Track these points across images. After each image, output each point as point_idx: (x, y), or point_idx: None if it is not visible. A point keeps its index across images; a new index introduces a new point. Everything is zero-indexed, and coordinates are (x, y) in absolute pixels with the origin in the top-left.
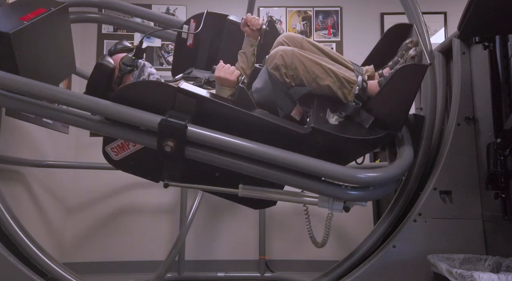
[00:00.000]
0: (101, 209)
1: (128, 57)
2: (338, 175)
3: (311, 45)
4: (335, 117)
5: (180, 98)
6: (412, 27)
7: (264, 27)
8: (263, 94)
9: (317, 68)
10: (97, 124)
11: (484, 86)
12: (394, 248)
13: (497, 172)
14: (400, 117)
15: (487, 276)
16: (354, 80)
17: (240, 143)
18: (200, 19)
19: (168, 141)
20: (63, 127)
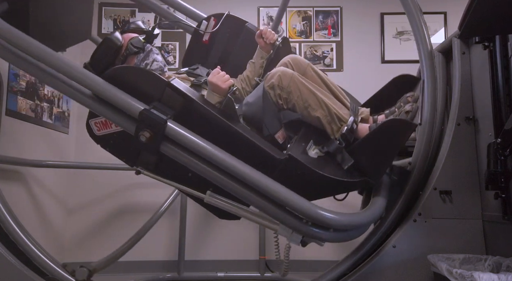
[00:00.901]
0: (101, 209)
1: (137, 39)
2: (299, 208)
3: (314, 73)
4: (315, 151)
5: (168, 92)
6: (419, 81)
7: (277, 42)
8: (252, 109)
9: (311, 97)
10: (85, 97)
11: (484, 86)
12: (394, 248)
13: (497, 172)
14: (380, 167)
15: (487, 276)
16: (346, 119)
17: (213, 151)
18: (220, 19)
19: (145, 131)
20: (63, 127)
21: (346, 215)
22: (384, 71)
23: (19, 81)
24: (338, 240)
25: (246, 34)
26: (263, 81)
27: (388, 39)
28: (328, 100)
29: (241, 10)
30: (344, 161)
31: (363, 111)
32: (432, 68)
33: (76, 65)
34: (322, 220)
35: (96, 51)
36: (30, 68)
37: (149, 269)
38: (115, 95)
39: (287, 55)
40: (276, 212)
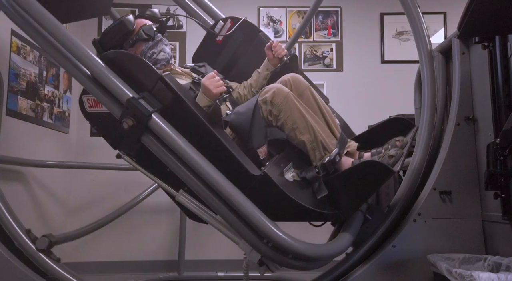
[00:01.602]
0: (101, 209)
1: (150, 26)
2: (260, 227)
3: (311, 97)
4: (292, 174)
5: (160, 86)
6: (413, 128)
7: (285, 58)
8: (241, 119)
9: (301, 120)
10: (81, 75)
11: (484, 86)
12: (394, 248)
13: (497, 172)
14: (352, 204)
15: (486, 276)
16: (331, 149)
17: (189, 152)
18: (236, 22)
19: (129, 119)
20: (63, 127)
21: (307, 244)
22: (384, 71)
23: (19, 81)
24: (295, 267)
25: (258, 43)
26: (258, 94)
27: (388, 39)
28: (317, 126)
29: (241, 10)
30: (318, 191)
31: (351, 145)
32: (432, 68)
33: (78, 42)
34: (280, 243)
35: (107, 30)
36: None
37: (149, 269)
38: (108, 78)
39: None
40: (239, 226)
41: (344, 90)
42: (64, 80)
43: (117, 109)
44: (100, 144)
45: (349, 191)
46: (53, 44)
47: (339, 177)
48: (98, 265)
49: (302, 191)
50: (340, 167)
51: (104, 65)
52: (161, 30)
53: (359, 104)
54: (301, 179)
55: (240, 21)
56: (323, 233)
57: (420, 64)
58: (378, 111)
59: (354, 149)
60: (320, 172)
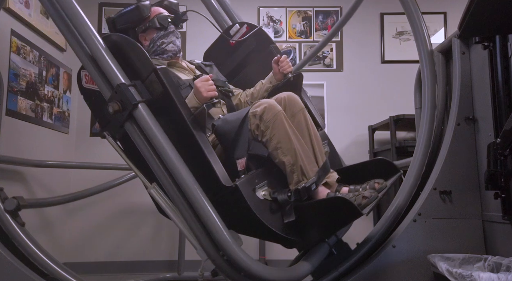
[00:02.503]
0: (101, 209)
1: (165, 16)
2: (217, 238)
3: (303, 120)
4: (264, 193)
5: (152, 78)
6: (398, 173)
7: (290, 75)
8: (227, 127)
9: (286, 141)
10: (81, 50)
11: (484, 86)
12: (394, 248)
13: (497, 172)
14: (316, 236)
15: (487, 276)
16: (309, 175)
17: (165, 149)
18: (251, 29)
19: (115, 103)
20: (63, 127)
21: (261, 265)
22: (384, 71)
23: (19, 81)
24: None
25: (268, 54)
26: (251, 106)
27: (388, 39)
28: (301, 150)
29: (241, 10)
30: (286, 215)
31: (331, 176)
32: (432, 68)
33: (85, 20)
34: (234, 259)
35: (123, 12)
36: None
37: (149, 269)
38: (104, 60)
39: (295, 89)
40: (199, 232)
41: (344, 90)
42: (64, 80)
43: (107, 91)
44: (100, 144)
45: (316, 223)
46: (61, 17)
47: (309, 206)
48: (98, 265)
49: (270, 212)
50: (315, 195)
51: (104, 46)
52: (175, 22)
53: (359, 104)
54: (272, 200)
55: (256, 28)
56: None
57: (420, 64)
58: (378, 111)
59: (334, 181)
60: (291, 197)
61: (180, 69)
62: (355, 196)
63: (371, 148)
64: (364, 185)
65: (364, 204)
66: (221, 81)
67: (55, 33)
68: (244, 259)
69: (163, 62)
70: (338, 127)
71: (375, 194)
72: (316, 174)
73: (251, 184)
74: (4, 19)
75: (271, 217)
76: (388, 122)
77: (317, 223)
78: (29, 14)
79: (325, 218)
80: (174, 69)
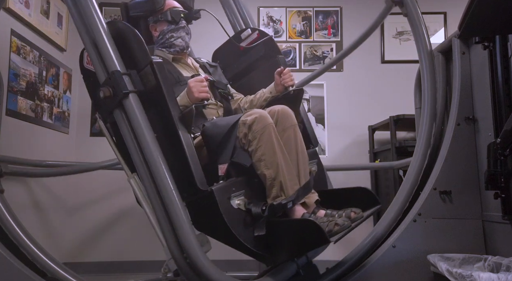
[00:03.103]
0: (101, 209)
1: (178, 11)
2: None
3: (292, 136)
4: (239, 202)
5: (148, 70)
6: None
7: (290, 89)
8: (215, 130)
9: (270, 154)
10: (85, 32)
11: (484, 86)
12: (394, 248)
13: (497, 172)
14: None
15: (487, 276)
16: (287, 193)
17: (148, 142)
18: (262, 37)
19: (107, 89)
20: (63, 127)
21: (222, 274)
22: (384, 71)
23: (19, 81)
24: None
25: (273, 64)
26: (243, 113)
27: (388, 39)
28: (284, 166)
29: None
30: (257, 228)
31: (311, 197)
32: (432, 68)
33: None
34: (195, 263)
35: (138, 0)
36: None
37: (149, 269)
38: (104, 45)
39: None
40: (167, 231)
41: (344, 90)
42: (64, 80)
43: (102, 76)
44: (100, 144)
45: (285, 241)
46: None
47: (280, 223)
48: (98, 265)
49: (241, 222)
50: (290, 214)
51: (107, 31)
52: (187, 18)
53: (359, 104)
54: (246, 210)
55: (266, 37)
56: None
57: (420, 64)
58: (378, 111)
59: (312, 202)
60: (265, 211)
61: (184, 65)
62: (329, 221)
63: (371, 148)
64: (340, 212)
65: (335, 232)
66: (223, 83)
67: (55, 33)
68: (205, 265)
69: (168, 56)
70: (338, 127)
71: (348, 223)
72: (295, 193)
73: (227, 191)
74: (4, 19)
75: (241, 227)
76: (388, 122)
77: (286, 242)
78: (29, 14)
79: (294, 239)
80: (178, 64)
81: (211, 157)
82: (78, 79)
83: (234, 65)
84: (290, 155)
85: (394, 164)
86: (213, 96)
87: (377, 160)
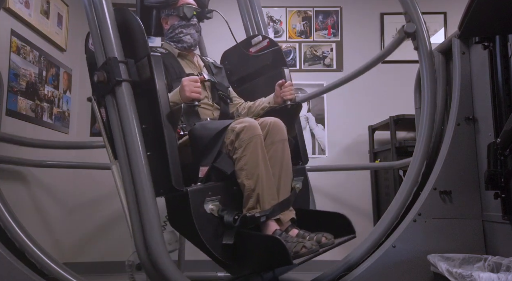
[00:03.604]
0: (101, 209)
1: (191, 8)
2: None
3: (280, 150)
4: (212, 207)
5: (144, 62)
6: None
7: (288, 103)
8: (203, 132)
9: (253, 165)
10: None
11: (484, 86)
12: (394, 248)
13: (497, 172)
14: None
15: (487, 276)
16: (263, 206)
17: (132, 133)
18: (272, 46)
19: (102, 73)
20: (63, 127)
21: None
22: (384, 71)
23: (19, 81)
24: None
25: (278, 74)
26: (233, 121)
27: (388, 39)
28: (265, 179)
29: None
30: (226, 236)
31: (287, 214)
32: (432, 68)
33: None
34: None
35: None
36: None
37: None
38: (106, 29)
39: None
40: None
41: (344, 90)
42: (64, 80)
43: (101, 60)
44: (101, 144)
45: (250, 254)
46: None
47: (250, 236)
48: (98, 265)
49: (211, 228)
50: (263, 228)
51: (113, 17)
52: (199, 16)
53: (359, 104)
54: (218, 217)
55: (275, 47)
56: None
57: (420, 64)
58: (378, 111)
59: (287, 220)
60: (237, 221)
61: (188, 62)
62: (298, 242)
63: (371, 148)
64: (312, 235)
65: (301, 254)
66: (224, 86)
67: (55, 33)
68: (165, 263)
69: (174, 50)
70: (338, 127)
71: (316, 247)
72: (271, 208)
73: (202, 195)
74: (4, 19)
75: (210, 233)
76: (388, 122)
77: (251, 256)
78: (29, 14)
79: (259, 254)
80: (183, 60)
81: (195, 158)
82: (78, 79)
83: (241, 69)
84: (274, 169)
85: (394, 164)
86: (211, 97)
87: (377, 160)
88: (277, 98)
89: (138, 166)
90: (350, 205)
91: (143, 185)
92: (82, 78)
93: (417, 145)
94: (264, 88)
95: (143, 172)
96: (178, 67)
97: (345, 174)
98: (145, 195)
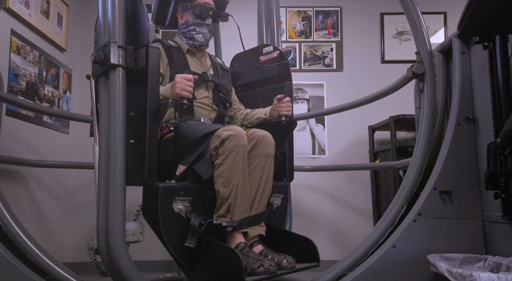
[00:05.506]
0: None
1: (208, 7)
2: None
3: (263, 165)
4: (181, 207)
5: (143, 51)
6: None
7: (283, 118)
8: (188, 132)
9: (231, 174)
10: None
11: (484, 86)
12: (394, 248)
13: (497, 172)
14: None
15: (487, 276)
16: (233, 217)
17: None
18: (281, 59)
19: (99, 55)
20: (63, 127)
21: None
22: (384, 71)
23: (19, 81)
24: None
25: (281, 87)
26: (222, 126)
27: (388, 39)
28: (241, 191)
29: (242, 10)
30: (189, 240)
31: (256, 229)
32: (432, 68)
33: None
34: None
35: None
36: None
37: (149, 269)
38: (114, 12)
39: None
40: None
41: (344, 90)
42: (64, 80)
43: (103, 41)
44: None
45: (207, 262)
46: None
47: (211, 243)
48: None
49: (175, 227)
50: (228, 238)
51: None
52: (215, 17)
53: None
54: (185, 218)
55: (284, 61)
56: None
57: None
58: (378, 111)
59: (254, 235)
60: (202, 227)
61: (196, 60)
62: (257, 260)
63: (371, 148)
64: (275, 255)
65: (256, 273)
66: (226, 89)
67: (55, 33)
68: (120, 253)
69: (184, 46)
70: (338, 127)
71: (274, 269)
72: (241, 220)
73: (173, 193)
74: (4, 19)
75: (173, 233)
76: (388, 122)
77: (208, 264)
78: (29, 14)
79: (215, 263)
80: (191, 57)
81: (175, 155)
82: (78, 79)
83: (248, 75)
84: (253, 182)
85: (394, 164)
86: (211, 98)
87: (377, 160)
88: (274, 111)
89: (115, 152)
90: (350, 205)
91: (115, 172)
92: (82, 78)
93: (417, 145)
94: (265, 99)
95: (118, 158)
96: (184, 63)
97: (345, 174)
98: (116, 182)
